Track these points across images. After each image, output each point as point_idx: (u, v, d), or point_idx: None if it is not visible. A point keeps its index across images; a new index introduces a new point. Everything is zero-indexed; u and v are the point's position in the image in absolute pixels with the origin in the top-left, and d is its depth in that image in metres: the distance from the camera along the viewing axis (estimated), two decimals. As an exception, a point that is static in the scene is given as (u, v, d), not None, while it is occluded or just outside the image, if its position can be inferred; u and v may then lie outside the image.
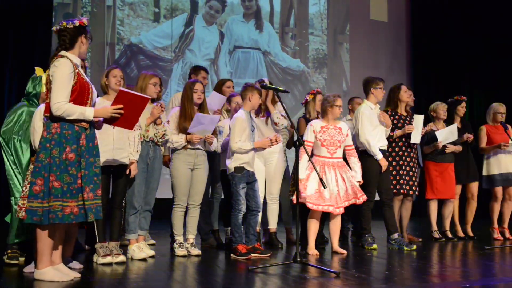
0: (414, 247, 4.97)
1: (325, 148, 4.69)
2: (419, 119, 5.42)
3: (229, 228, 4.79)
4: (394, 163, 5.36)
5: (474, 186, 6.07)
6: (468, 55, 10.43)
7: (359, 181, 4.75)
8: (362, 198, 4.71)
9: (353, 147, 4.87)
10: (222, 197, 5.15)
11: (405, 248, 4.92)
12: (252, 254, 4.38)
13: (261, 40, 9.60)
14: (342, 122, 4.92)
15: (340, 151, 4.75)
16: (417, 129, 5.37)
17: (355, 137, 5.15)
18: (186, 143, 4.42)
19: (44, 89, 3.87)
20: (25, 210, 3.21)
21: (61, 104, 3.22)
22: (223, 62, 9.29)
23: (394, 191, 5.32)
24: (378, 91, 5.17)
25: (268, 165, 5.10)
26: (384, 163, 5.05)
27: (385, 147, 5.16)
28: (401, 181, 5.35)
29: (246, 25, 9.51)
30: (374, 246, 4.96)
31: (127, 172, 4.11)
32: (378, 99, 5.20)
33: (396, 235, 5.06)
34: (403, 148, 5.40)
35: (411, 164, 5.43)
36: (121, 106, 3.37)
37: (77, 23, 3.37)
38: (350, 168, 4.79)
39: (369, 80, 5.23)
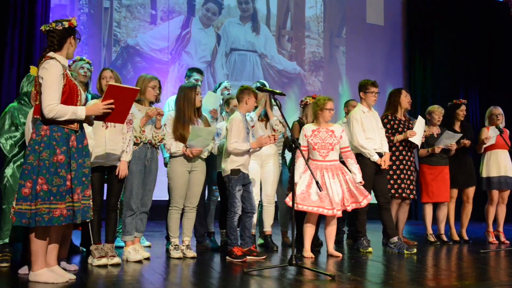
0: (415, 250, 4.97)
1: (316, 151, 4.69)
2: (422, 122, 5.45)
3: (225, 230, 4.79)
4: (394, 167, 5.36)
5: (471, 190, 6.09)
6: (464, 58, 10.48)
7: (361, 182, 4.70)
8: (365, 200, 4.63)
9: (349, 149, 4.82)
10: (219, 199, 5.15)
11: (405, 251, 4.92)
12: (248, 257, 4.38)
13: (257, 43, 9.62)
14: (336, 124, 4.91)
15: (333, 154, 4.72)
16: (419, 132, 5.38)
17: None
18: (183, 153, 4.42)
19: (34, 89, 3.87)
20: (14, 213, 3.20)
21: (53, 106, 3.20)
22: (220, 65, 9.29)
23: (396, 195, 5.33)
24: (368, 95, 5.16)
25: (264, 168, 5.09)
26: (381, 162, 5.04)
27: (380, 151, 5.13)
28: (402, 185, 5.35)
29: (242, 28, 9.52)
30: (370, 249, 4.96)
31: (116, 173, 4.10)
32: (368, 103, 5.18)
33: (395, 239, 5.06)
34: (403, 153, 5.41)
35: (412, 168, 5.44)
36: (112, 101, 3.36)
37: (66, 24, 3.35)
38: (349, 171, 4.77)
39: (361, 84, 5.24)
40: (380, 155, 5.09)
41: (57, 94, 3.23)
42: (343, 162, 4.81)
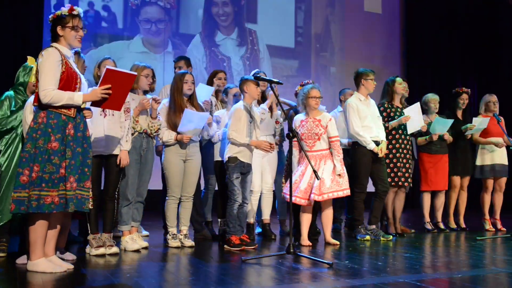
0: (391, 237, 5.05)
1: (303, 141, 4.73)
2: (414, 108, 5.44)
3: (222, 220, 4.80)
4: (391, 155, 5.36)
5: (467, 179, 6.12)
6: (461, 46, 10.46)
7: (339, 175, 4.66)
8: (341, 193, 4.66)
9: (336, 138, 4.75)
10: (216, 188, 5.15)
11: (381, 238, 4.99)
12: None
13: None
14: (325, 113, 4.86)
15: (320, 144, 4.73)
16: (413, 119, 5.37)
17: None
18: (176, 142, 4.41)
19: (33, 79, 3.85)
20: (13, 200, 3.20)
21: (49, 90, 3.21)
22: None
23: (393, 183, 5.34)
24: (369, 82, 5.15)
25: (264, 157, 5.07)
26: (378, 150, 5.03)
27: (377, 139, 5.12)
28: (399, 173, 5.35)
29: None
30: (367, 237, 4.99)
31: (118, 162, 4.09)
32: (369, 90, 5.18)
33: (373, 226, 5.13)
34: (400, 141, 5.41)
35: (408, 156, 5.44)
36: (109, 85, 3.35)
37: (50, 17, 3.40)
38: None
39: (360, 72, 5.23)
40: (377, 143, 5.09)
41: (53, 80, 3.23)
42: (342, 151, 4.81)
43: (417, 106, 5.48)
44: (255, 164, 4.79)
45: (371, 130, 5.08)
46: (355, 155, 5.11)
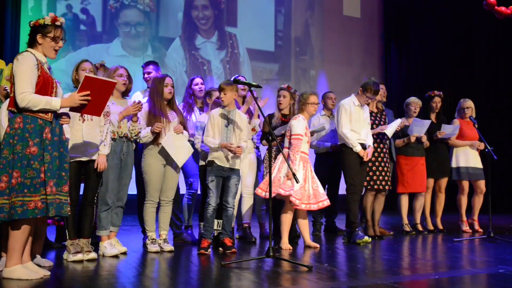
0: (369, 239, 5.06)
1: (307, 145, 4.77)
2: (398, 122, 5.55)
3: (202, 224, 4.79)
4: (368, 158, 5.40)
5: (444, 181, 6.20)
6: (439, 50, 10.60)
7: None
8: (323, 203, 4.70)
9: (296, 136, 4.73)
10: (199, 192, 5.13)
11: (357, 240, 4.99)
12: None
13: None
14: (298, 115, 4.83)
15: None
16: (391, 126, 5.45)
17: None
18: (152, 136, 4.36)
19: (4, 82, 3.81)
20: None
21: (26, 94, 3.17)
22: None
23: (369, 187, 5.37)
24: (363, 96, 5.14)
25: (243, 160, 5.06)
26: (364, 154, 5.07)
27: (364, 143, 5.14)
28: (374, 177, 5.39)
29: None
30: (366, 239, 4.95)
31: (95, 166, 4.05)
32: (365, 101, 5.17)
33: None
34: (375, 145, 5.44)
35: (385, 159, 5.48)
36: (88, 92, 3.33)
37: (31, 23, 3.37)
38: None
39: (367, 83, 5.19)
40: (364, 147, 5.13)
41: (29, 84, 3.20)
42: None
43: (398, 122, 5.58)
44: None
45: (358, 135, 5.12)
46: (343, 157, 5.13)
